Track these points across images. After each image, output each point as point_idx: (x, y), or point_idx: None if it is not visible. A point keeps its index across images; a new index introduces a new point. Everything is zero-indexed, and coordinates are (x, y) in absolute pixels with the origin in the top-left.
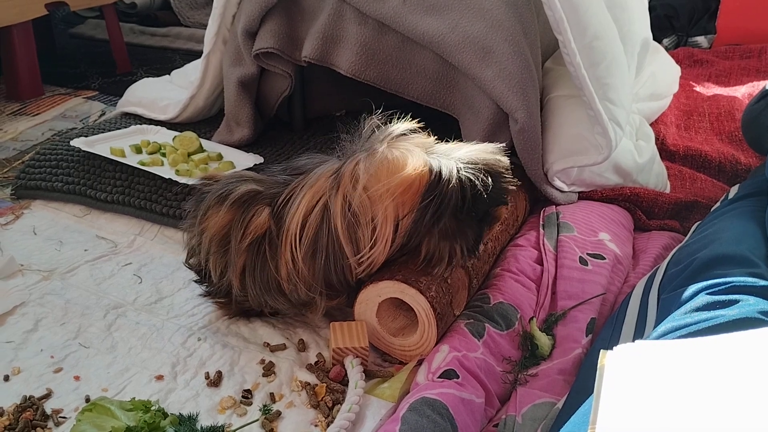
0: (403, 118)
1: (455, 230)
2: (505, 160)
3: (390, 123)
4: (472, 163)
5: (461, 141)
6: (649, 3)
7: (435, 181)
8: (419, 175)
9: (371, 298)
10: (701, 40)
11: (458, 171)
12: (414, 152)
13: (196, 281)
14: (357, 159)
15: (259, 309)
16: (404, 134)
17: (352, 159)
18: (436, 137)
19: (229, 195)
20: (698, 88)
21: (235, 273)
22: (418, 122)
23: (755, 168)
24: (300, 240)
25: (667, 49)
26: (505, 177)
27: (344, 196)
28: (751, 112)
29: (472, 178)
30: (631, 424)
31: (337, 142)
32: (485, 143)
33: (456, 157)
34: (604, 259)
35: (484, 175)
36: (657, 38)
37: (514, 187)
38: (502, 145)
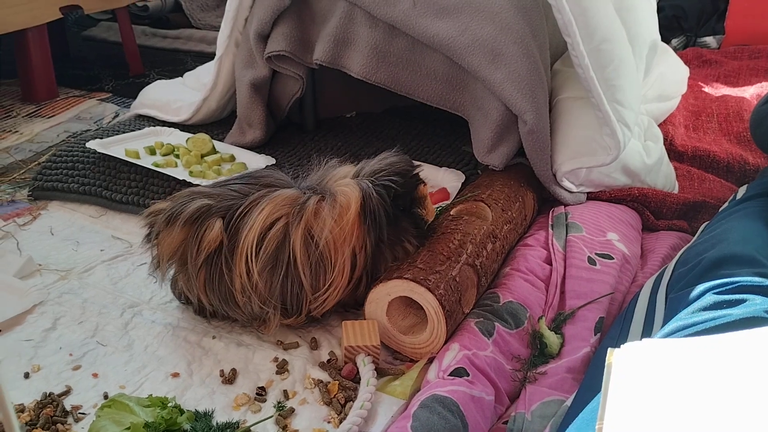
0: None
1: (396, 233)
2: (404, 158)
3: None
4: (381, 172)
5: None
6: (658, 3)
7: (365, 205)
8: (358, 207)
9: (381, 297)
10: (710, 40)
11: (373, 185)
12: (350, 185)
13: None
14: (319, 198)
15: (225, 320)
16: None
17: (315, 196)
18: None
19: (180, 214)
20: (707, 89)
21: (199, 288)
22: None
23: (764, 168)
24: (257, 253)
25: (675, 49)
26: (411, 171)
27: (307, 230)
28: (759, 113)
29: (387, 184)
30: (639, 422)
31: (303, 170)
32: (384, 154)
33: (367, 172)
34: (613, 258)
35: (394, 176)
36: (666, 39)
37: (421, 180)
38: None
